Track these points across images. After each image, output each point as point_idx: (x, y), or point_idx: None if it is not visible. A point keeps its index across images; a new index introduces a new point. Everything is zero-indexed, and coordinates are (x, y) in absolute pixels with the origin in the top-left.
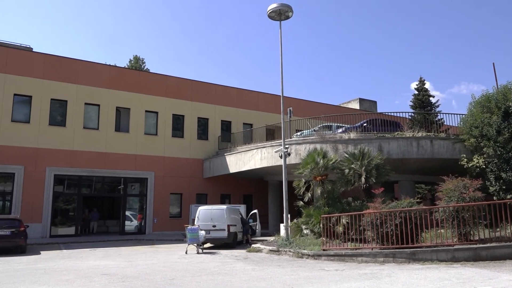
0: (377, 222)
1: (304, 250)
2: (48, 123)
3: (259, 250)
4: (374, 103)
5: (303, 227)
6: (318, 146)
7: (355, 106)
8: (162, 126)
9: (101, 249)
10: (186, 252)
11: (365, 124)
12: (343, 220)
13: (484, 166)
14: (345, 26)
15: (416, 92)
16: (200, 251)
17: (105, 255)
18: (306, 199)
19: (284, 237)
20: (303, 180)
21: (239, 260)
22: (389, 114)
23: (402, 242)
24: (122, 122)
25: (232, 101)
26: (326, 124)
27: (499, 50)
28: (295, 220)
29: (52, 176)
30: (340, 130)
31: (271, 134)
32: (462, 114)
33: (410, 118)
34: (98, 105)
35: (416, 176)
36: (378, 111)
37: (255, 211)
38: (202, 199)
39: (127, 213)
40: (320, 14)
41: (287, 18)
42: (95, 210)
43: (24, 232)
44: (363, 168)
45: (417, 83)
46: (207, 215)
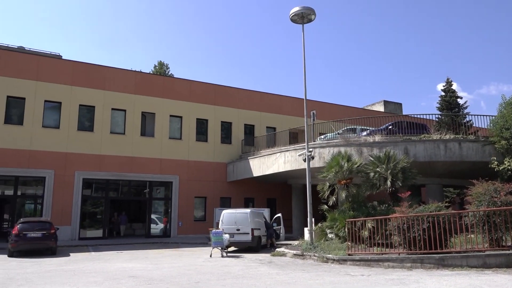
0: (404, 226)
1: (329, 254)
2: (76, 129)
3: (283, 254)
4: (399, 105)
5: (328, 231)
6: (342, 149)
7: (380, 108)
8: (186, 130)
9: (127, 251)
10: (211, 256)
11: (390, 127)
12: (369, 224)
13: None
14: (368, 27)
15: (443, 94)
16: (224, 254)
17: (131, 258)
18: (330, 203)
19: (308, 241)
20: (327, 184)
21: (264, 264)
22: (415, 116)
23: (430, 247)
24: (148, 126)
25: (255, 105)
26: (350, 127)
27: None
28: (319, 224)
29: (81, 180)
30: (364, 133)
31: (295, 137)
32: (492, 116)
33: (437, 120)
34: (124, 110)
35: (444, 179)
36: (404, 113)
37: (279, 215)
38: (226, 203)
39: (153, 216)
40: (343, 15)
41: (310, 21)
42: (124, 214)
43: (55, 235)
44: (389, 171)
45: (444, 84)
46: (231, 219)
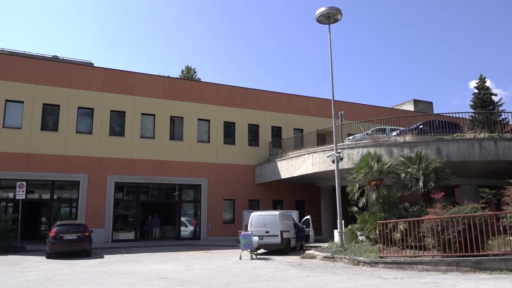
0: (437, 228)
1: (360, 257)
2: (108, 134)
3: (313, 257)
4: (430, 104)
5: (358, 233)
6: (372, 150)
7: (410, 107)
8: (214, 133)
9: (159, 253)
10: (240, 258)
11: (421, 126)
12: (401, 226)
13: None
14: (396, 25)
15: (476, 91)
16: (253, 256)
17: (163, 260)
18: (360, 204)
19: (338, 243)
20: (357, 185)
21: (293, 266)
22: (447, 115)
23: (466, 250)
24: (176, 130)
25: (281, 106)
26: (379, 127)
27: None
28: (349, 226)
29: (113, 183)
30: (394, 133)
31: (322, 139)
32: None
33: (470, 118)
34: (154, 115)
35: (479, 179)
36: (434, 112)
37: (308, 217)
38: (255, 205)
39: (183, 218)
40: (370, 14)
41: (336, 21)
42: (157, 216)
43: (89, 237)
44: (421, 172)
45: (477, 81)
46: (260, 221)
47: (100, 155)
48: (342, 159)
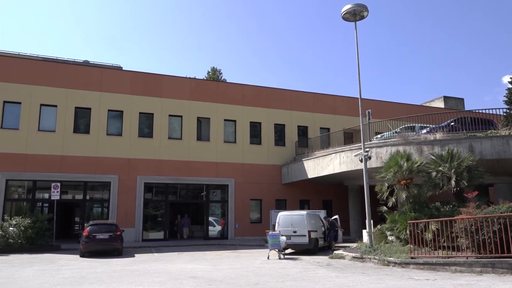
0: (471, 228)
1: (390, 257)
2: (137, 135)
3: (341, 257)
4: (461, 100)
5: (388, 233)
6: (401, 148)
7: (440, 104)
8: (240, 133)
9: (187, 253)
10: (268, 258)
11: (452, 123)
12: (432, 226)
13: None
14: (424, 20)
15: (510, 86)
16: (281, 256)
17: (191, 259)
18: (389, 204)
19: (367, 243)
20: (386, 185)
21: (322, 266)
22: (479, 111)
23: (502, 250)
24: (203, 131)
25: (308, 106)
26: (408, 125)
27: None
28: (378, 226)
29: (142, 184)
30: (424, 131)
31: (350, 137)
32: None
33: (504, 114)
34: (181, 116)
35: None
36: (466, 108)
37: (336, 216)
38: (282, 205)
39: (210, 218)
40: (397, 9)
41: (362, 18)
42: (186, 216)
43: (120, 236)
44: (452, 170)
45: (511, 76)
46: (287, 221)
47: (129, 156)
48: (370, 158)
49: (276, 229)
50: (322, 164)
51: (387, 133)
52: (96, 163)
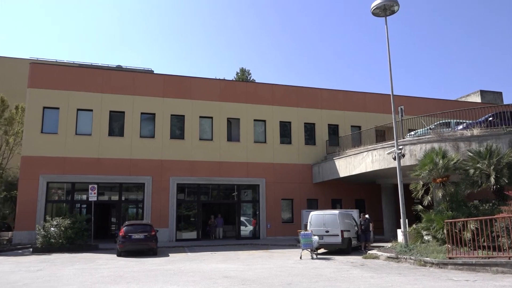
0: None
1: (426, 257)
2: (169, 137)
3: (376, 257)
4: (499, 94)
5: (424, 233)
6: (436, 145)
7: (476, 99)
8: (270, 133)
9: (220, 252)
10: (301, 257)
11: (490, 118)
12: (471, 225)
13: None
14: (458, 11)
15: None
16: (314, 256)
17: (224, 259)
18: (425, 202)
19: (402, 243)
20: (421, 183)
21: (356, 266)
22: None
23: None
24: (233, 132)
25: (338, 104)
26: (443, 121)
27: None
28: (414, 226)
29: (175, 185)
30: (460, 127)
31: (381, 135)
32: None
33: None
34: (211, 117)
35: None
36: (505, 102)
37: (366, 216)
38: (313, 204)
39: (242, 218)
40: (428, 1)
41: (393, 12)
42: (220, 216)
43: (155, 236)
44: (492, 167)
45: None
46: (319, 220)
47: (162, 158)
48: (403, 155)
49: (308, 228)
50: (354, 163)
51: (420, 130)
52: (130, 165)
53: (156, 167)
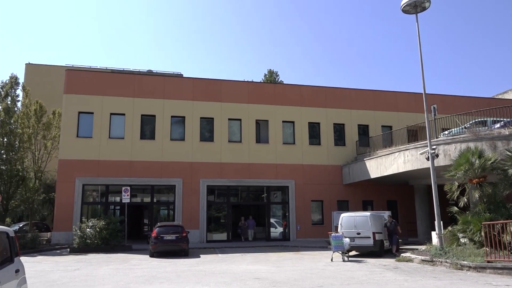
0: None
1: (463, 261)
2: (199, 140)
3: (409, 260)
4: None
5: (460, 235)
6: (472, 144)
7: None
8: (299, 134)
9: (250, 254)
10: (332, 260)
11: None
12: (511, 227)
13: None
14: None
15: None
16: (345, 258)
17: (255, 260)
18: (461, 204)
19: (437, 246)
20: (456, 183)
21: (389, 269)
22: None
23: None
24: (262, 133)
25: (368, 104)
26: (479, 119)
27: None
28: (449, 228)
29: (205, 186)
30: (497, 125)
31: (413, 135)
32: None
33: None
34: (240, 119)
35: None
36: None
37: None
38: (343, 206)
39: (272, 220)
40: None
41: (424, 9)
42: (251, 218)
43: (186, 237)
44: None
45: None
46: (350, 222)
47: (192, 160)
48: (437, 155)
49: (339, 230)
50: (385, 164)
51: (455, 129)
52: (162, 167)
53: (186, 169)
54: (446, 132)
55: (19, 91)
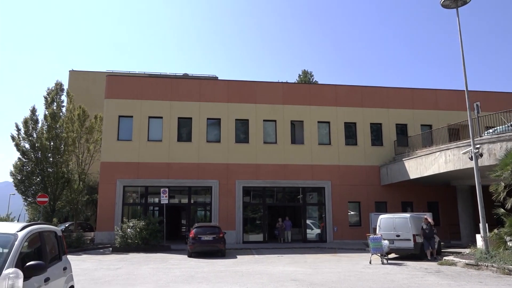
0: None
1: (511, 265)
2: (234, 141)
3: (452, 263)
4: None
5: (507, 238)
6: None
7: None
8: (334, 135)
9: (287, 255)
10: (370, 262)
11: None
12: None
13: None
14: None
15: None
16: (384, 261)
17: (291, 262)
18: (508, 205)
19: (482, 249)
20: (502, 184)
21: (430, 273)
22: None
23: None
24: (297, 134)
25: (406, 102)
26: None
27: None
28: (495, 231)
29: (241, 188)
30: None
31: (455, 134)
32: None
33: None
34: (275, 120)
35: None
36: None
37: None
38: (381, 207)
39: (308, 221)
40: None
41: (465, 3)
42: (288, 219)
43: (223, 238)
44: None
45: None
46: (389, 224)
47: (228, 161)
48: (481, 155)
49: (377, 232)
50: (425, 164)
51: (500, 127)
52: (198, 169)
53: (222, 171)
54: (491, 130)
55: (64, 97)
